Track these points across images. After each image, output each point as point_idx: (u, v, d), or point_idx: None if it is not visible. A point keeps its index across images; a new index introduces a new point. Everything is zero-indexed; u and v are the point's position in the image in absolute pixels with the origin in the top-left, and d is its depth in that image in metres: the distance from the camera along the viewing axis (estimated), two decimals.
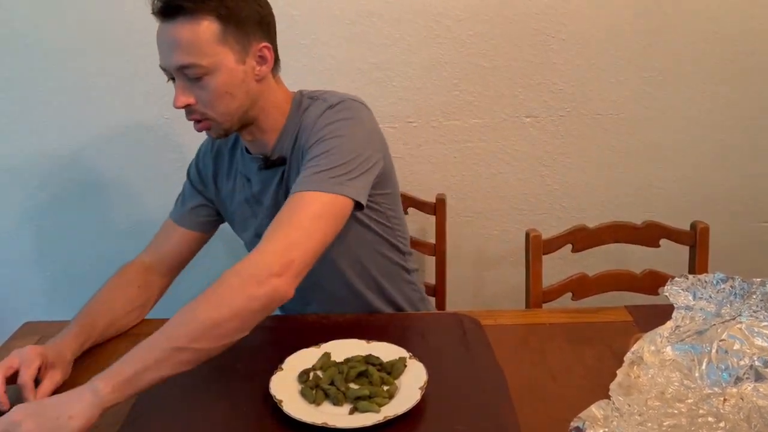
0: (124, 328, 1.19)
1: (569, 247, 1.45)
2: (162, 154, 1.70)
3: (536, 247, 1.41)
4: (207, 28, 1.03)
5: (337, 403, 0.92)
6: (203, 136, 1.67)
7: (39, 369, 0.97)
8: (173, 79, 1.08)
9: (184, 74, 1.05)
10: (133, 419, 0.93)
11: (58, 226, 1.76)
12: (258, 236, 1.19)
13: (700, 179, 1.79)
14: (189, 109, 1.08)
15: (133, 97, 1.65)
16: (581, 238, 1.45)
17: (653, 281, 1.45)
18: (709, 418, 0.84)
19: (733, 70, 1.69)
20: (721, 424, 0.83)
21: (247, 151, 1.22)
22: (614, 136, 1.74)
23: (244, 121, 1.13)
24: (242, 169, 1.24)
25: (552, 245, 1.44)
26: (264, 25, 1.10)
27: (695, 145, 1.76)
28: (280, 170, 1.17)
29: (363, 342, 1.06)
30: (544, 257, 1.43)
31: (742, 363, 0.90)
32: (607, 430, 0.78)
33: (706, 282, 0.98)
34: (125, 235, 1.77)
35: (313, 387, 0.94)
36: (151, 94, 1.65)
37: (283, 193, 1.17)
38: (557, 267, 1.78)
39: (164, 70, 1.08)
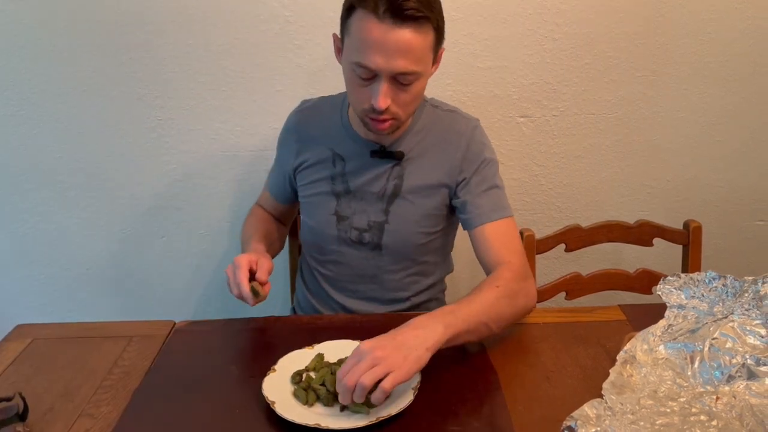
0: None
1: (563, 246, 1.45)
2: (156, 155, 1.70)
3: (529, 247, 1.41)
4: (430, 35, 1.05)
5: (328, 404, 0.92)
6: (196, 138, 1.69)
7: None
8: (369, 78, 1.06)
9: (397, 79, 1.06)
10: (126, 421, 0.92)
11: (52, 229, 1.75)
12: (336, 216, 1.25)
13: (693, 179, 1.79)
14: (384, 110, 1.08)
15: (127, 99, 1.65)
16: (574, 238, 1.45)
17: (647, 280, 1.45)
18: (702, 417, 0.84)
19: (727, 71, 1.70)
20: (714, 423, 0.83)
21: (358, 135, 1.23)
22: (608, 136, 1.74)
23: None
24: (337, 146, 1.24)
25: (545, 245, 1.44)
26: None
27: (689, 144, 1.76)
28: (391, 163, 1.21)
29: (356, 342, 1.05)
30: (538, 257, 1.43)
31: (734, 361, 0.90)
32: (599, 429, 0.78)
33: (698, 281, 0.98)
34: (119, 237, 1.77)
35: (305, 388, 0.94)
36: (145, 96, 1.65)
37: (391, 186, 1.22)
38: (551, 267, 1.79)
39: (364, 67, 1.05)
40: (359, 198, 1.23)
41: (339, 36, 1.13)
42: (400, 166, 1.21)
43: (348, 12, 1.06)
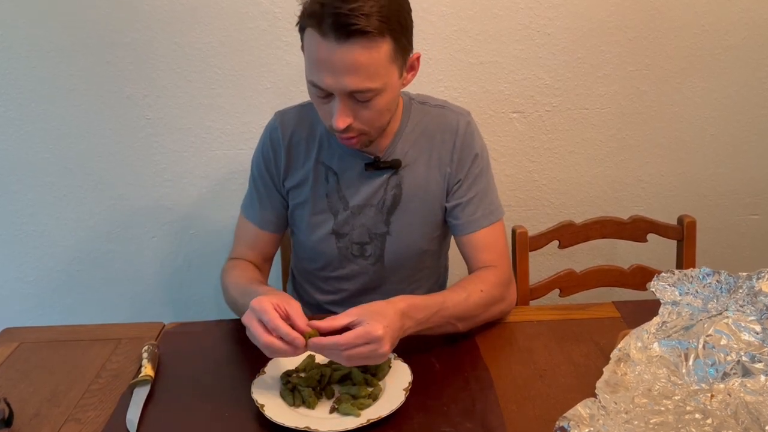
0: None
1: (556, 243, 1.44)
2: (145, 155, 1.68)
3: (522, 244, 1.40)
4: (384, 49, 0.96)
5: (311, 406, 0.91)
6: (186, 137, 1.67)
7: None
8: (326, 96, 1.01)
9: (353, 97, 1.00)
10: (113, 426, 0.91)
11: (41, 230, 1.74)
12: (335, 234, 1.19)
13: (687, 173, 1.78)
14: (346, 129, 1.02)
15: (116, 98, 1.63)
16: (568, 234, 1.44)
17: (641, 276, 1.44)
18: (696, 415, 0.83)
19: (721, 64, 1.68)
20: (709, 421, 0.82)
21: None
22: (601, 131, 1.73)
23: None
24: (327, 159, 1.17)
25: (539, 242, 1.43)
26: (412, 33, 1.04)
27: (682, 139, 1.75)
28: (387, 172, 1.16)
29: None
30: (531, 254, 1.42)
31: (729, 358, 0.89)
32: (592, 429, 0.77)
33: (692, 277, 0.97)
34: (109, 238, 1.75)
35: (292, 389, 0.93)
36: (133, 95, 1.63)
37: (390, 196, 1.17)
38: (545, 263, 1.78)
39: (316, 86, 1.00)
40: (357, 213, 1.18)
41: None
42: (397, 174, 1.17)
43: (301, 31, 1.01)
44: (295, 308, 0.92)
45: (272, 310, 0.89)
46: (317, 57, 0.97)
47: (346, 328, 0.90)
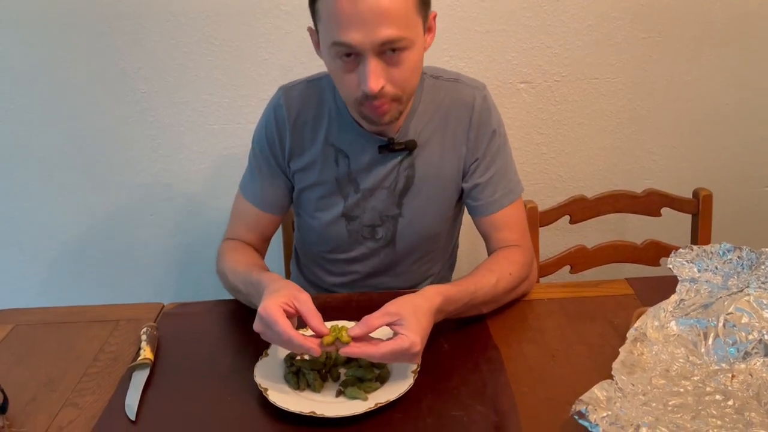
0: None
1: (567, 218, 1.41)
2: (140, 130, 1.65)
3: (532, 220, 1.37)
4: None
5: (317, 389, 0.88)
6: (183, 111, 1.62)
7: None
8: (352, 59, 0.94)
9: (385, 53, 0.94)
10: (111, 412, 0.89)
11: (35, 208, 1.71)
12: (345, 217, 1.15)
13: (702, 144, 1.75)
14: (379, 93, 0.96)
15: (109, 71, 1.59)
16: (579, 209, 1.41)
17: (655, 252, 1.42)
18: (717, 396, 0.81)
19: (735, 31, 1.64)
20: (730, 402, 0.80)
21: (358, 125, 1.10)
22: (612, 101, 1.69)
23: None
24: (337, 140, 1.11)
25: (549, 217, 1.40)
26: None
27: (696, 109, 1.71)
28: (401, 154, 1.11)
29: (354, 323, 1.01)
30: (541, 229, 1.39)
31: (750, 337, 0.86)
32: (610, 412, 0.74)
33: (711, 253, 0.95)
34: (105, 216, 1.72)
35: (296, 372, 0.90)
36: (127, 68, 1.59)
37: (403, 178, 1.12)
38: (555, 239, 1.75)
39: (342, 45, 0.93)
40: (369, 196, 1.13)
41: (313, 27, 1.01)
42: (411, 155, 1.12)
43: None
44: (305, 304, 0.88)
45: (281, 318, 0.84)
46: (341, 13, 0.90)
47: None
